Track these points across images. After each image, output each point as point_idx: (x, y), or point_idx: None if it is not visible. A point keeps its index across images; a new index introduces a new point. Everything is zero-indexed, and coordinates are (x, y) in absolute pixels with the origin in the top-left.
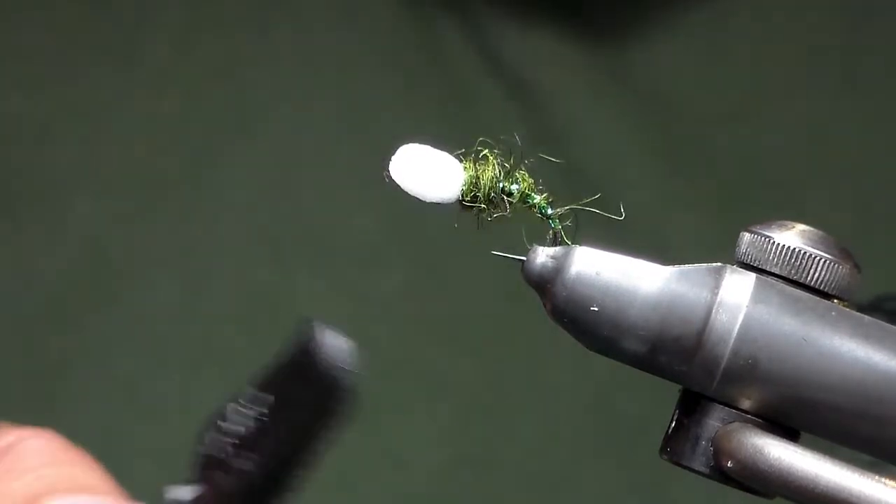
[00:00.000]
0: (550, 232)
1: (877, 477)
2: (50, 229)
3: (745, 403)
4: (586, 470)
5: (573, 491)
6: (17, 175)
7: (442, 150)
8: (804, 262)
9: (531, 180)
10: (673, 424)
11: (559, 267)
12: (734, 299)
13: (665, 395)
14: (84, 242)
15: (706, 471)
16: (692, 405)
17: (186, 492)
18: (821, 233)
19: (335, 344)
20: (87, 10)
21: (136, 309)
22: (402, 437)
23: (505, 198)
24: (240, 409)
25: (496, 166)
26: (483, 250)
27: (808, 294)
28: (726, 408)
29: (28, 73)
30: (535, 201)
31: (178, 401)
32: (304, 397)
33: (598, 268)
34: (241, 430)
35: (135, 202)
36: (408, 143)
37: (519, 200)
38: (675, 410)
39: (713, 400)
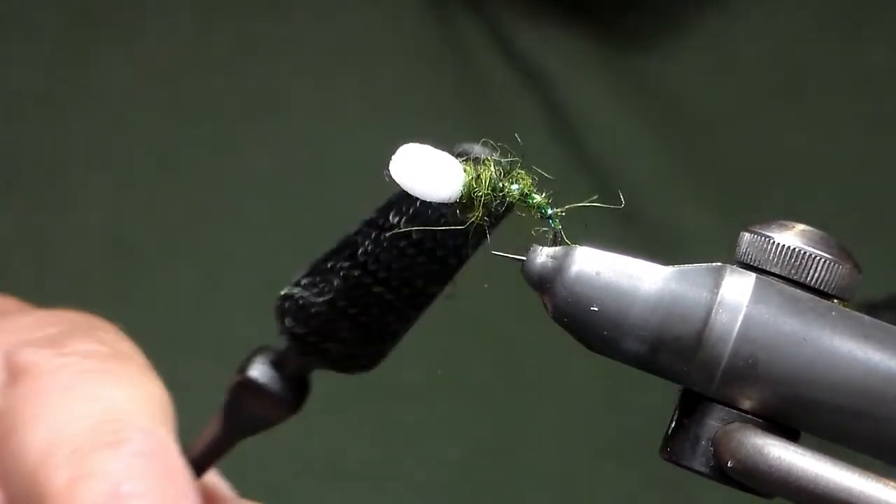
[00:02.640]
0: (550, 232)
1: (877, 477)
2: (66, 213)
3: (746, 403)
4: (607, 465)
5: (593, 486)
6: (33, 157)
7: (442, 150)
8: (804, 262)
9: (531, 180)
10: (673, 424)
11: (559, 267)
12: (734, 299)
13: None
14: (102, 226)
15: (706, 471)
16: (692, 405)
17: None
18: (821, 233)
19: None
20: None
21: (156, 294)
22: (423, 429)
23: (505, 197)
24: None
25: (496, 166)
26: (488, 249)
27: (808, 294)
28: (726, 408)
29: (44, 52)
30: (535, 201)
31: (198, 389)
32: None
33: (598, 268)
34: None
35: (153, 186)
36: (407, 142)
37: (519, 200)
38: (674, 410)
39: (713, 400)
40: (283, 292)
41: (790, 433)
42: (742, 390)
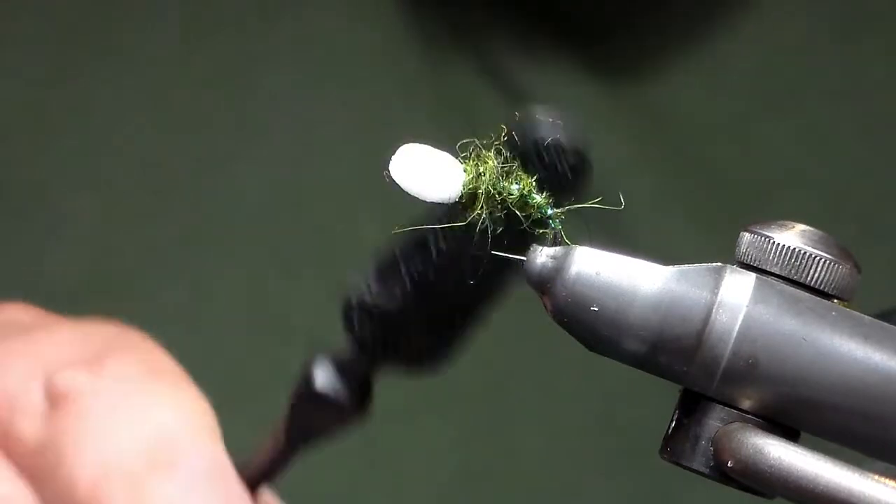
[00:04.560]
0: (550, 232)
1: (877, 477)
2: (52, 231)
3: (746, 403)
4: (595, 482)
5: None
6: (18, 175)
7: (442, 150)
8: (804, 262)
9: (531, 180)
10: (673, 424)
11: (559, 267)
12: (734, 299)
13: (672, 405)
14: (87, 245)
15: (706, 471)
16: (692, 405)
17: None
18: (821, 233)
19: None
20: (90, 6)
21: (142, 315)
22: (409, 449)
23: (505, 197)
24: None
25: (496, 166)
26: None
27: (808, 294)
28: (726, 408)
29: (29, 70)
30: (535, 201)
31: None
32: None
33: (597, 268)
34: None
35: (139, 204)
36: (408, 142)
37: (519, 200)
38: (674, 410)
39: (713, 400)
40: (350, 299)
41: (790, 433)
42: (742, 390)
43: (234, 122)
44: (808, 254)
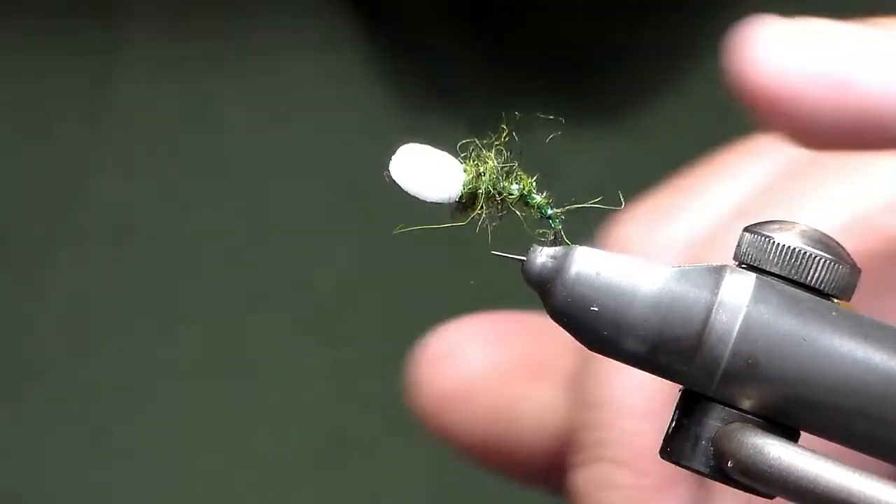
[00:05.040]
0: (550, 232)
1: (877, 477)
2: (21, 277)
3: (746, 403)
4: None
5: None
6: None
7: (442, 150)
8: (804, 262)
9: (531, 180)
10: (673, 424)
11: (559, 267)
12: (734, 299)
13: None
14: (58, 287)
15: (706, 471)
16: (692, 405)
17: None
18: (821, 233)
19: None
20: (53, 57)
21: (114, 356)
22: (377, 476)
23: (505, 198)
24: None
25: (496, 167)
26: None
27: (808, 294)
28: (726, 408)
29: None
30: (535, 201)
31: (155, 450)
32: None
33: (598, 268)
34: None
35: (108, 248)
36: (407, 142)
37: (519, 200)
38: (674, 410)
39: (713, 400)
40: None
41: (790, 433)
42: (742, 390)
43: (203, 164)
44: (808, 254)
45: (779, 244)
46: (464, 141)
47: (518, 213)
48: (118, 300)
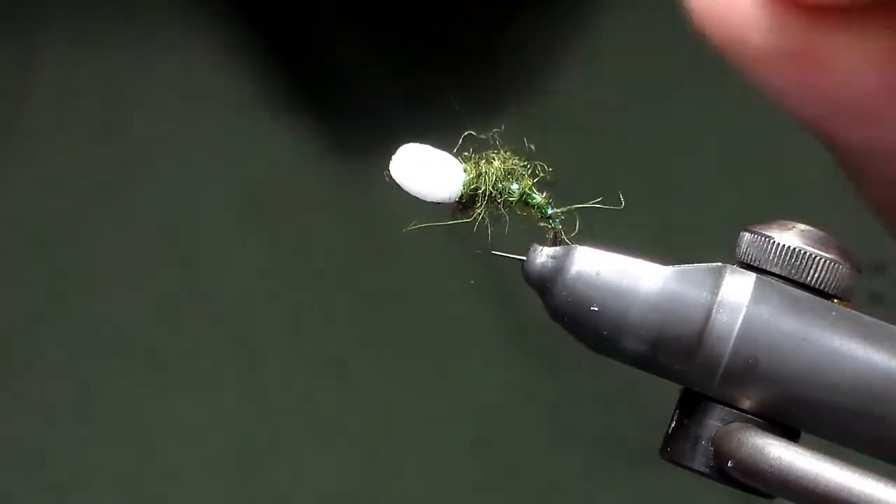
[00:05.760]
0: (550, 232)
1: (877, 477)
2: None
3: (746, 403)
4: (473, 499)
5: None
6: None
7: (442, 150)
8: (804, 262)
9: (531, 180)
10: (673, 424)
11: (559, 267)
12: (734, 299)
13: (551, 431)
14: None
15: (706, 471)
16: (692, 405)
17: None
18: (821, 233)
19: None
20: None
21: (16, 369)
22: (292, 480)
23: (505, 197)
24: None
25: (496, 166)
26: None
27: (808, 294)
28: (726, 408)
29: None
30: (535, 201)
31: (77, 466)
32: None
33: (598, 268)
34: None
35: (22, 264)
36: (407, 142)
37: (519, 200)
38: (675, 410)
39: (713, 400)
40: None
41: (790, 433)
42: (742, 390)
43: (112, 179)
44: (808, 254)
45: (779, 244)
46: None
47: (518, 212)
48: (26, 314)
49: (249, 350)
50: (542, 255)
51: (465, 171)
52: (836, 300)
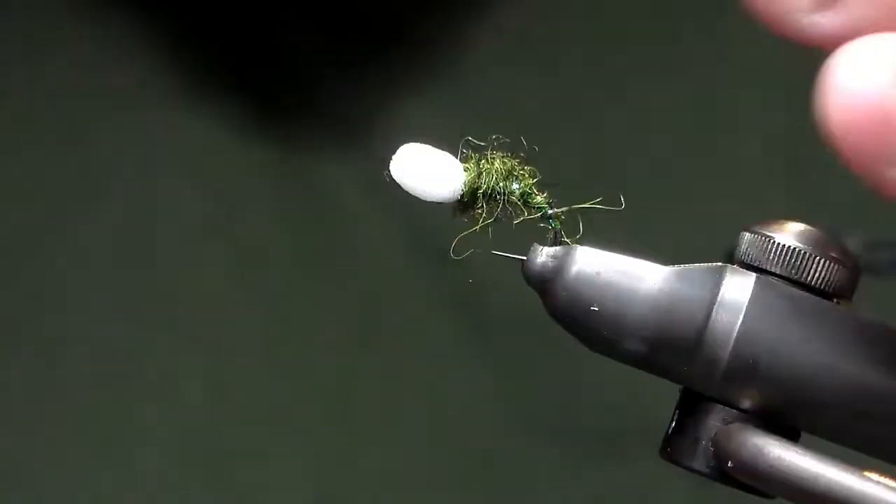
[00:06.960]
0: (550, 232)
1: (877, 477)
2: None
3: (746, 403)
4: (438, 502)
5: None
6: None
7: (443, 149)
8: (804, 262)
9: (532, 180)
10: (673, 424)
11: (559, 267)
12: (734, 299)
13: (517, 431)
14: None
15: (706, 471)
16: (692, 405)
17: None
18: (821, 233)
19: None
20: None
21: None
22: (260, 484)
23: (505, 197)
24: None
25: (497, 166)
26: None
27: (808, 294)
28: (726, 408)
29: None
30: (535, 201)
31: (43, 473)
32: None
33: (598, 267)
34: None
35: None
36: (408, 142)
37: (519, 200)
38: (675, 410)
39: (713, 400)
40: None
41: (790, 433)
42: (742, 390)
43: (77, 185)
44: (808, 254)
45: (779, 244)
46: (465, 139)
47: (519, 212)
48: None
49: (208, 352)
50: (543, 255)
51: (465, 170)
52: (836, 300)
